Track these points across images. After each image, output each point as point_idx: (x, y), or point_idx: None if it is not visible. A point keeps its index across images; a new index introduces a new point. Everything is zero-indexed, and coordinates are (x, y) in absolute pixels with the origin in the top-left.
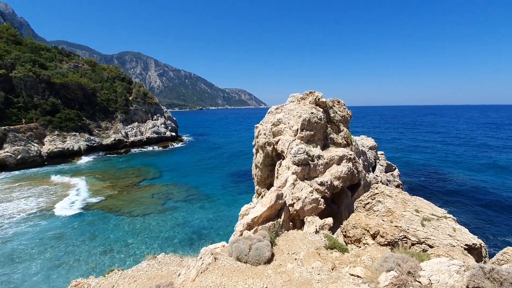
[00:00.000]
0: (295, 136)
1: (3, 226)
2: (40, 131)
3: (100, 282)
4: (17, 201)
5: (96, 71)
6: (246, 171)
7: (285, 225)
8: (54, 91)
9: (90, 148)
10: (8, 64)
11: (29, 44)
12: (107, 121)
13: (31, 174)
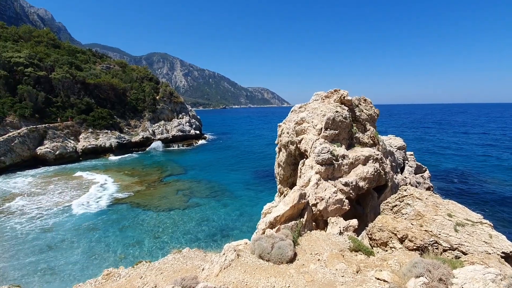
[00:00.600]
0: (319, 135)
1: (43, 217)
2: (75, 128)
3: (130, 273)
4: (55, 194)
5: (126, 72)
6: (268, 170)
7: (307, 225)
8: (88, 91)
9: (120, 145)
10: (48, 67)
11: (66, 48)
12: (136, 120)
13: (68, 169)
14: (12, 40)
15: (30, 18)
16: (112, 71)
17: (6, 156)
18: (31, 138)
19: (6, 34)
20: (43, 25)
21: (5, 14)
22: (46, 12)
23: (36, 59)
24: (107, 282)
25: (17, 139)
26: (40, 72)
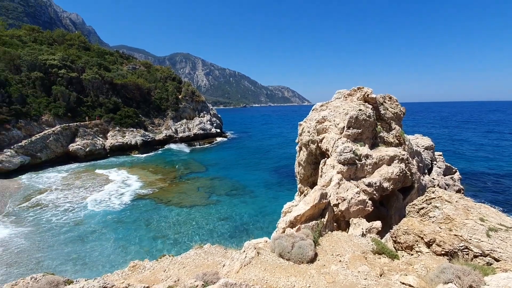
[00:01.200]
0: (341, 134)
1: (75, 210)
2: (104, 127)
3: (154, 265)
4: (85, 188)
5: (151, 72)
6: (288, 169)
7: (328, 226)
8: (116, 91)
9: (144, 142)
10: (79, 68)
11: (96, 50)
12: (160, 118)
13: (97, 165)
14: (47, 43)
15: (63, 23)
16: (138, 71)
17: (42, 152)
18: (64, 136)
19: (42, 38)
20: (74, 28)
21: (40, 19)
22: (77, 16)
23: (68, 61)
24: (133, 274)
25: (52, 136)
26: (72, 73)
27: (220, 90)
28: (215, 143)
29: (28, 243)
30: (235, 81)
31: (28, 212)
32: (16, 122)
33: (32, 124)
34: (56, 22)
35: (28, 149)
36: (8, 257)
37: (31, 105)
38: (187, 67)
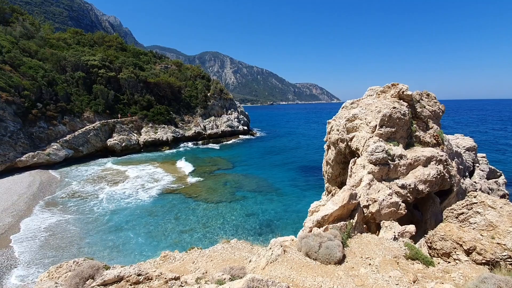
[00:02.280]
0: (373, 133)
1: (114, 201)
2: (138, 123)
3: (183, 257)
4: (122, 181)
5: (182, 70)
6: (315, 167)
7: (358, 227)
8: (149, 89)
9: (175, 139)
10: (117, 68)
11: (131, 50)
12: (189, 115)
13: (132, 159)
14: (89, 45)
15: (102, 25)
16: (170, 70)
17: (83, 146)
18: (102, 131)
19: (84, 40)
20: (113, 30)
21: (82, 22)
22: (115, 19)
23: (107, 61)
24: (164, 263)
25: (92, 132)
26: (111, 73)
27: (247, 88)
28: (242, 140)
29: (71, 230)
30: (263, 78)
31: (72, 201)
32: (62, 118)
33: (75, 120)
34: (97, 25)
35: (71, 143)
36: (54, 242)
37: (74, 102)
38: (215, 65)
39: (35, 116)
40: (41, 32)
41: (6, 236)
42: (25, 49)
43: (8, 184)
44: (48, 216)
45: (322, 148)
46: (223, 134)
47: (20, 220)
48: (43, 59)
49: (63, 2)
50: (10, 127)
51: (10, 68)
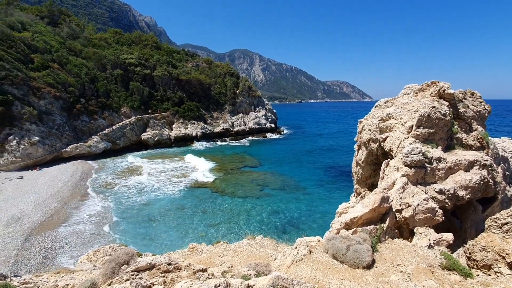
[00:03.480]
0: (409, 134)
1: (146, 192)
2: (170, 119)
3: (210, 250)
4: (152, 173)
5: (212, 68)
6: (344, 168)
7: (389, 232)
8: (181, 86)
9: (204, 134)
10: (151, 66)
11: (165, 49)
12: (218, 112)
13: (163, 153)
14: (127, 44)
15: (139, 25)
16: (200, 68)
17: (120, 139)
18: (138, 126)
19: (123, 39)
20: (148, 30)
21: (121, 22)
22: (151, 18)
23: (143, 59)
24: (192, 255)
25: (128, 126)
26: (146, 70)
27: (276, 85)
28: (269, 138)
29: (107, 218)
30: (292, 76)
31: (108, 191)
32: (102, 113)
33: (113, 115)
34: (134, 25)
35: (110, 136)
36: (92, 227)
37: (113, 98)
38: (244, 62)
39: (78, 111)
40: (85, 33)
41: (52, 219)
42: (71, 48)
43: (54, 172)
44: (87, 203)
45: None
46: (251, 131)
47: (64, 206)
48: (86, 57)
49: (104, 4)
50: (57, 120)
51: (58, 66)
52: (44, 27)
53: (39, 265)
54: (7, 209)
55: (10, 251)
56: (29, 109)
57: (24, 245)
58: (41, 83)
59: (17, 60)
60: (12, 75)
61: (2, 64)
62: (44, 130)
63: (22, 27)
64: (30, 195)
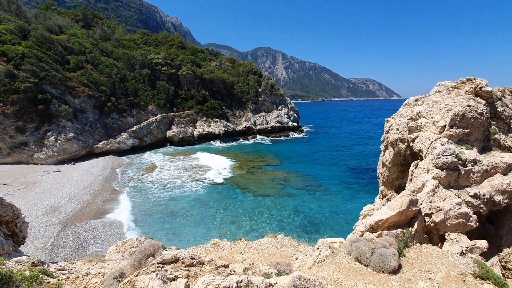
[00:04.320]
0: (441, 134)
1: (170, 188)
2: (194, 117)
3: (232, 246)
4: (176, 170)
5: (235, 67)
6: (368, 168)
7: (417, 237)
8: (204, 85)
9: (226, 132)
10: (177, 65)
11: (190, 48)
12: (240, 110)
13: (187, 150)
14: (154, 45)
15: (166, 26)
16: (223, 67)
17: (147, 136)
18: (163, 124)
19: (150, 40)
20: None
21: (149, 23)
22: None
23: (169, 59)
24: (214, 250)
25: (154, 124)
26: (171, 70)
27: (299, 84)
28: (291, 136)
29: (134, 211)
30: (315, 74)
31: (135, 185)
32: (130, 111)
33: (141, 113)
34: (161, 26)
35: (137, 134)
36: (121, 219)
37: (141, 97)
38: (267, 61)
39: (109, 109)
40: (115, 34)
41: (85, 211)
42: (103, 49)
43: (87, 167)
44: (116, 197)
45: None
46: (273, 130)
47: (95, 198)
48: (116, 58)
49: (133, 6)
50: (90, 118)
51: (91, 67)
52: (79, 29)
53: (72, 253)
54: (46, 200)
55: (47, 239)
56: (65, 107)
57: (60, 234)
58: (76, 83)
59: (55, 61)
60: (50, 75)
61: (42, 65)
62: (78, 127)
63: (60, 30)
64: (66, 187)
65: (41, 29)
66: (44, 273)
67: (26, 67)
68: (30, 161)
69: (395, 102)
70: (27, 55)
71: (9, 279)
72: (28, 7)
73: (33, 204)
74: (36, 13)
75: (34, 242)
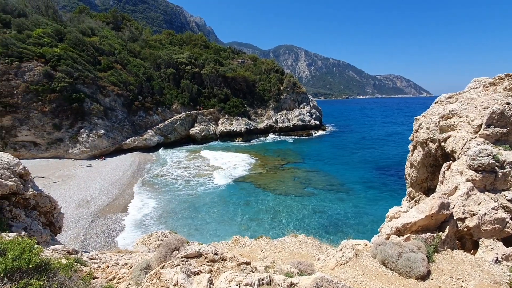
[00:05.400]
0: (476, 133)
1: (193, 184)
2: (216, 115)
3: (253, 244)
4: (199, 166)
5: (257, 65)
6: (394, 169)
7: (448, 242)
8: (226, 83)
9: (248, 130)
10: (200, 64)
11: (213, 47)
12: (262, 108)
13: (209, 147)
14: (178, 44)
15: (190, 26)
16: (246, 65)
17: (171, 134)
18: (187, 121)
19: (175, 40)
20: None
21: (174, 24)
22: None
23: (193, 58)
24: (235, 247)
25: (178, 121)
26: (195, 68)
27: (321, 81)
28: (313, 135)
29: (159, 205)
30: (339, 71)
31: (160, 181)
32: (156, 109)
33: (166, 111)
34: (185, 26)
35: (162, 131)
36: (146, 213)
37: (166, 95)
38: (289, 58)
39: (136, 107)
40: (143, 35)
41: (114, 204)
42: (131, 50)
43: (116, 162)
44: (143, 191)
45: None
46: (294, 128)
47: (123, 192)
48: (143, 58)
49: (159, 8)
50: (119, 116)
51: (120, 67)
52: (109, 31)
53: (103, 244)
54: (79, 193)
55: (80, 229)
56: (97, 105)
57: (92, 225)
58: (107, 82)
59: (88, 62)
60: (84, 75)
61: (76, 66)
62: (108, 124)
63: (92, 32)
64: (97, 181)
65: (75, 32)
66: (78, 261)
67: (62, 68)
68: (65, 156)
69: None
70: (63, 56)
71: (47, 266)
72: (63, 11)
73: (68, 196)
74: (70, 16)
75: (69, 232)
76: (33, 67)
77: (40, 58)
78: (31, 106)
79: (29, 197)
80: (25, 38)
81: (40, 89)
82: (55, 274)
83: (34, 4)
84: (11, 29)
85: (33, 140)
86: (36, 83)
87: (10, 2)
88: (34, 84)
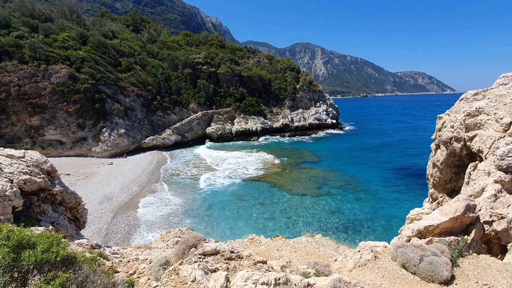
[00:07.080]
0: (505, 132)
1: (210, 183)
2: (232, 114)
3: (269, 243)
4: (216, 165)
5: (272, 63)
6: (414, 169)
7: (474, 246)
8: (242, 82)
9: (263, 129)
10: (216, 64)
11: (229, 47)
12: (278, 107)
13: (225, 146)
14: (195, 45)
15: (206, 26)
16: (261, 64)
17: (188, 133)
18: (203, 120)
19: (192, 41)
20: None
21: (191, 25)
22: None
23: (209, 58)
24: (251, 246)
25: (195, 120)
26: (211, 68)
27: (338, 79)
28: (330, 134)
29: (177, 203)
30: (356, 68)
31: (178, 179)
32: (174, 109)
33: (183, 111)
34: (202, 26)
35: (180, 130)
36: (165, 210)
37: (183, 95)
38: (306, 56)
39: (155, 107)
40: (161, 37)
41: (134, 201)
42: (149, 51)
43: (135, 160)
44: (162, 188)
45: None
46: (310, 127)
47: (143, 190)
48: (161, 59)
49: (177, 9)
50: (139, 115)
51: (140, 68)
52: (129, 34)
53: (123, 239)
54: (101, 189)
55: (102, 225)
56: (117, 105)
57: (113, 220)
58: (127, 83)
59: (109, 63)
60: (105, 76)
61: (98, 68)
62: (128, 123)
63: (113, 35)
64: (118, 179)
65: (98, 35)
66: (101, 256)
67: (85, 69)
68: (88, 154)
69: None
70: (86, 59)
71: (73, 259)
72: (86, 15)
73: (91, 193)
74: (93, 20)
75: (92, 227)
76: (59, 69)
77: (65, 61)
78: (57, 107)
79: (56, 193)
80: (52, 41)
81: (66, 90)
82: (80, 267)
83: (59, 9)
84: (38, 33)
85: (59, 139)
86: (62, 84)
87: (38, 8)
88: (60, 86)
